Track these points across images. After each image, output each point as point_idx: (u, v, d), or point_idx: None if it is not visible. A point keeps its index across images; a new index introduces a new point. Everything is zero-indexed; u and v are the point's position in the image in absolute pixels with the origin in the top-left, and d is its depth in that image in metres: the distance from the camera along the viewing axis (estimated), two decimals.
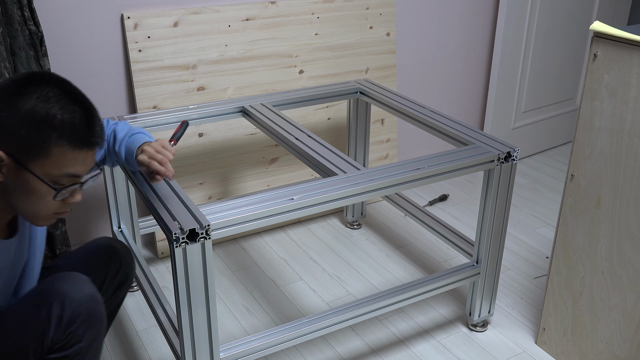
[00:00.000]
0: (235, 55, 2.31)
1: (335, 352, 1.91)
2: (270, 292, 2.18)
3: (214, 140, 2.35)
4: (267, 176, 2.51)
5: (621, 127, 1.53)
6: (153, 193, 1.48)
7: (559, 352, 1.87)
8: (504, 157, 1.74)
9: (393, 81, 2.69)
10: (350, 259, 2.38)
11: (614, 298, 1.66)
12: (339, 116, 2.58)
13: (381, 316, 2.06)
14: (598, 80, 1.56)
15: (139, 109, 2.20)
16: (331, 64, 2.52)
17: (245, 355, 1.56)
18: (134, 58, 2.15)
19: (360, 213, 2.57)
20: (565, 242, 1.75)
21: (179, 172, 2.32)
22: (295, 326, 1.63)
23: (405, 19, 2.72)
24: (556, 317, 1.85)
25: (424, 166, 1.65)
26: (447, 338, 1.97)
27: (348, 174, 1.61)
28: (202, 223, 1.35)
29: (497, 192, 1.78)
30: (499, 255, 1.89)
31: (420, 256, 2.40)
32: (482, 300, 1.93)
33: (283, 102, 2.14)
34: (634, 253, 1.58)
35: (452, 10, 2.83)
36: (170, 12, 2.17)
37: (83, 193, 2.27)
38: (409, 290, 1.79)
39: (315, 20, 2.44)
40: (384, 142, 2.74)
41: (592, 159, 1.62)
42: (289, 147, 1.84)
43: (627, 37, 1.45)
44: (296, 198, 1.48)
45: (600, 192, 1.62)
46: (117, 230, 2.03)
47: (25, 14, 1.77)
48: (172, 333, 1.60)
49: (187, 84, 2.26)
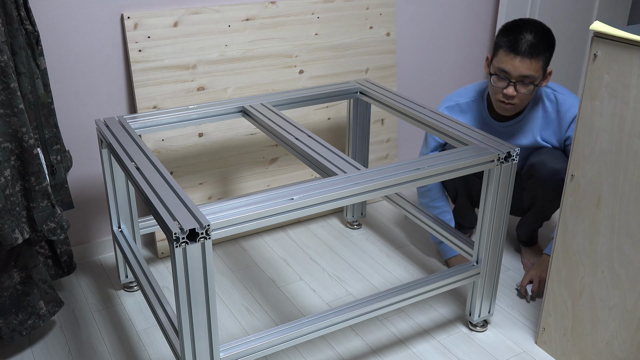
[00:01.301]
0: (235, 55, 2.31)
1: (335, 352, 1.91)
2: (270, 292, 2.18)
3: (214, 140, 2.35)
4: (267, 176, 2.51)
5: (621, 127, 1.53)
6: (153, 193, 1.48)
7: (559, 352, 1.87)
8: (503, 157, 1.74)
9: (393, 81, 2.69)
10: (350, 259, 2.38)
11: (614, 298, 1.66)
12: (339, 116, 2.58)
13: (381, 316, 2.06)
14: (598, 80, 1.56)
15: (139, 109, 2.20)
16: (331, 64, 2.52)
17: (245, 355, 1.56)
18: (134, 58, 2.15)
19: (360, 213, 2.57)
20: (565, 242, 1.75)
21: (179, 172, 2.32)
22: (295, 326, 1.63)
23: (405, 19, 2.72)
24: (556, 317, 1.85)
25: (424, 166, 1.65)
26: (447, 338, 1.97)
27: (348, 174, 1.61)
28: (202, 223, 1.35)
29: (497, 192, 1.78)
30: (499, 255, 1.89)
31: (420, 256, 2.41)
32: (482, 300, 1.93)
33: (283, 102, 2.14)
34: (634, 253, 1.58)
35: (452, 10, 2.83)
36: (170, 12, 2.17)
37: (83, 193, 2.27)
38: (409, 290, 1.79)
39: (315, 20, 2.44)
40: (384, 142, 2.74)
41: (592, 159, 1.62)
42: (289, 147, 1.84)
43: (627, 37, 1.45)
44: (296, 198, 1.48)
45: (600, 192, 1.62)
46: (117, 230, 2.04)
47: (22, 14, 1.77)
48: (172, 333, 1.60)
49: (187, 84, 2.26)
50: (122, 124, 1.88)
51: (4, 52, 1.60)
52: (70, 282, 2.22)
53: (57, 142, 1.91)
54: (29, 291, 1.82)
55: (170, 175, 1.59)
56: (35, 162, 1.71)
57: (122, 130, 1.85)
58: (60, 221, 1.80)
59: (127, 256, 1.92)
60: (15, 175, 1.70)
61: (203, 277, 1.39)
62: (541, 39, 1.90)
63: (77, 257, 2.34)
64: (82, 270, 2.30)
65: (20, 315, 1.81)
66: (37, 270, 1.84)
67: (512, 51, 1.90)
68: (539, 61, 1.90)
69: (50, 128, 1.89)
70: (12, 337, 1.79)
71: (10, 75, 1.62)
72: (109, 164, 1.93)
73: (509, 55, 1.91)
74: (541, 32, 1.91)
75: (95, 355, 1.88)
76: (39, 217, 1.76)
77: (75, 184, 2.25)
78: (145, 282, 1.80)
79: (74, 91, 2.14)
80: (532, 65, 1.90)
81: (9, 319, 1.79)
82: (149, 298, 1.73)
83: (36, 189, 1.73)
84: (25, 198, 1.74)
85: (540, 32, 1.91)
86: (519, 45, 1.89)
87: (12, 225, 1.67)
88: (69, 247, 2.02)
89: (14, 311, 1.79)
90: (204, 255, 1.36)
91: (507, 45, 1.91)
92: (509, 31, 1.93)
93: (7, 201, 1.67)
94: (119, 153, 1.70)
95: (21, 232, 1.71)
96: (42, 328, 1.99)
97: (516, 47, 1.89)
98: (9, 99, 1.63)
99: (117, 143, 1.76)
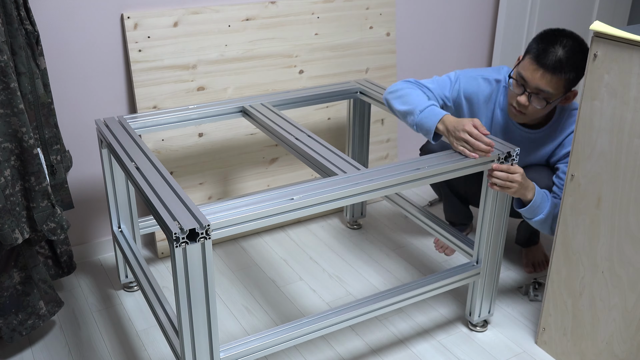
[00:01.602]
0: (235, 55, 2.31)
1: (335, 352, 1.91)
2: (270, 292, 2.18)
3: (214, 140, 2.35)
4: (267, 176, 2.51)
5: (621, 127, 1.53)
6: (153, 193, 1.48)
7: (559, 352, 1.87)
8: (504, 157, 1.74)
9: (393, 81, 2.69)
10: (350, 259, 2.38)
11: (614, 298, 1.66)
12: (339, 116, 2.58)
13: (381, 316, 2.06)
14: (598, 80, 1.56)
15: (139, 109, 2.20)
16: (331, 64, 2.52)
17: (245, 355, 1.56)
18: (134, 58, 2.15)
19: (360, 213, 2.57)
20: (565, 242, 1.75)
21: (179, 172, 2.32)
22: (295, 326, 1.63)
23: (405, 19, 2.72)
24: (556, 317, 1.85)
25: (424, 166, 1.65)
26: (447, 338, 1.97)
27: (348, 174, 1.61)
28: (202, 223, 1.35)
29: (497, 192, 1.78)
30: (499, 255, 1.89)
31: (420, 256, 2.41)
32: (482, 300, 1.93)
33: (283, 102, 2.14)
34: (634, 253, 1.58)
35: (452, 10, 2.83)
36: (170, 12, 2.17)
37: (83, 193, 2.27)
38: (409, 290, 1.79)
39: (315, 20, 2.44)
40: (384, 142, 2.74)
41: (592, 159, 1.62)
42: (289, 147, 1.84)
43: (627, 37, 1.45)
44: (296, 198, 1.48)
45: (600, 192, 1.62)
46: (117, 230, 2.04)
47: (22, 14, 1.77)
48: (172, 333, 1.59)
49: (187, 84, 2.26)
50: (122, 124, 1.88)
51: (4, 52, 1.60)
52: (70, 282, 2.22)
53: (57, 142, 1.91)
54: (29, 291, 1.82)
55: (170, 175, 1.59)
56: (35, 162, 1.71)
57: (122, 130, 1.85)
58: (60, 221, 1.80)
59: (127, 256, 1.92)
60: (15, 175, 1.70)
61: (203, 277, 1.39)
62: (571, 56, 1.76)
63: (77, 257, 2.34)
64: (82, 270, 2.30)
65: (20, 315, 1.81)
66: (37, 270, 1.84)
67: (536, 61, 1.78)
68: (561, 79, 1.77)
69: (50, 128, 1.89)
70: (12, 337, 1.79)
71: (10, 75, 1.62)
72: (109, 164, 1.93)
73: (532, 65, 1.79)
74: (574, 50, 1.77)
75: (95, 355, 1.88)
76: (39, 217, 1.76)
77: (75, 184, 2.25)
78: (145, 282, 1.80)
79: (74, 91, 2.14)
80: (552, 82, 1.78)
81: (9, 319, 1.79)
82: (149, 298, 1.73)
83: (36, 189, 1.73)
84: (25, 198, 1.74)
85: (572, 50, 1.77)
86: (546, 57, 1.76)
87: (12, 225, 1.67)
88: (69, 247, 2.02)
89: (14, 311, 1.79)
90: (204, 255, 1.36)
91: (535, 54, 1.79)
92: (542, 39, 1.80)
93: (7, 201, 1.67)
94: (119, 153, 1.70)
95: (21, 232, 1.71)
96: (42, 328, 1.99)
97: (542, 58, 1.77)
98: (9, 99, 1.63)
99: (117, 143, 1.76)
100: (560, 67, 1.76)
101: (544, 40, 1.79)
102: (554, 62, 1.76)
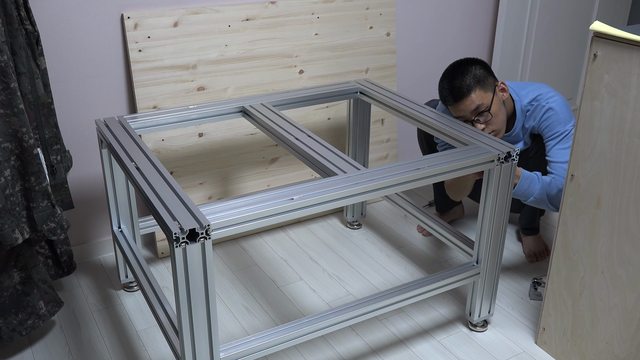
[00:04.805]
0: (235, 55, 2.31)
1: (335, 352, 1.91)
2: (270, 292, 2.18)
3: (214, 140, 2.35)
4: (267, 176, 2.51)
5: (621, 127, 1.53)
6: (153, 193, 1.48)
7: (559, 352, 1.87)
8: (504, 157, 1.74)
9: (393, 81, 2.69)
10: (350, 259, 2.38)
11: (614, 298, 1.66)
12: (339, 116, 2.58)
13: (381, 316, 2.06)
14: (598, 80, 1.56)
15: (139, 109, 2.20)
16: (331, 64, 2.52)
17: (245, 355, 1.56)
18: (134, 58, 2.15)
19: (360, 213, 2.57)
20: (565, 242, 1.76)
21: (179, 172, 2.32)
22: (295, 326, 1.63)
23: (405, 19, 2.72)
24: (556, 317, 1.85)
25: (424, 166, 1.65)
26: (447, 338, 1.97)
27: (348, 174, 1.61)
28: (202, 223, 1.35)
29: (497, 192, 1.78)
30: (499, 255, 1.89)
31: (420, 256, 2.41)
32: (482, 300, 1.93)
33: (283, 102, 2.14)
34: (634, 253, 1.58)
35: (452, 10, 2.83)
36: (170, 12, 2.17)
37: (83, 193, 2.27)
38: (409, 290, 1.79)
39: (315, 20, 2.44)
40: (384, 142, 2.74)
41: (592, 159, 1.62)
42: (289, 147, 1.84)
43: (627, 37, 1.45)
44: (296, 198, 1.48)
45: (600, 192, 1.62)
46: (117, 230, 2.04)
47: (22, 14, 1.77)
48: (172, 333, 1.60)
49: (187, 84, 2.26)
50: (122, 124, 1.88)
51: (4, 52, 1.60)
52: (70, 282, 2.22)
53: (57, 142, 1.91)
54: (29, 291, 1.82)
55: (170, 175, 1.59)
56: (35, 162, 1.71)
57: (122, 130, 1.85)
58: (60, 221, 1.80)
59: (127, 256, 1.92)
60: (15, 175, 1.70)
61: (203, 277, 1.39)
62: (457, 75, 1.97)
63: (77, 257, 2.34)
64: (82, 270, 2.30)
65: (20, 315, 1.81)
66: (37, 270, 1.84)
67: (448, 104, 2.00)
68: (473, 93, 1.95)
69: (50, 128, 1.89)
70: (12, 337, 1.79)
71: (10, 75, 1.62)
72: (109, 164, 1.93)
73: (450, 108, 2.01)
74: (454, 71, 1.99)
75: (95, 355, 1.88)
76: (39, 217, 1.76)
77: (75, 184, 2.25)
78: (145, 282, 1.80)
79: (74, 91, 2.14)
80: (471, 100, 1.96)
81: (9, 319, 1.79)
82: (149, 298, 1.73)
83: (36, 189, 1.73)
84: (25, 198, 1.74)
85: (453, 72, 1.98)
86: (450, 95, 1.98)
87: (12, 225, 1.67)
88: (69, 247, 2.02)
89: (13, 311, 1.79)
90: (204, 255, 1.36)
91: (445, 102, 2.01)
92: (439, 90, 2.03)
93: (7, 201, 1.67)
94: (119, 153, 1.70)
95: (21, 232, 1.71)
96: (42, 328, 1.99)
97: (448, 99, 1.99)
98: (9, 99, 1.63)
99: (117, 143, 1.76)
100: (461, 90, 1.96)
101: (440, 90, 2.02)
102: (455, 92, 1.96)
